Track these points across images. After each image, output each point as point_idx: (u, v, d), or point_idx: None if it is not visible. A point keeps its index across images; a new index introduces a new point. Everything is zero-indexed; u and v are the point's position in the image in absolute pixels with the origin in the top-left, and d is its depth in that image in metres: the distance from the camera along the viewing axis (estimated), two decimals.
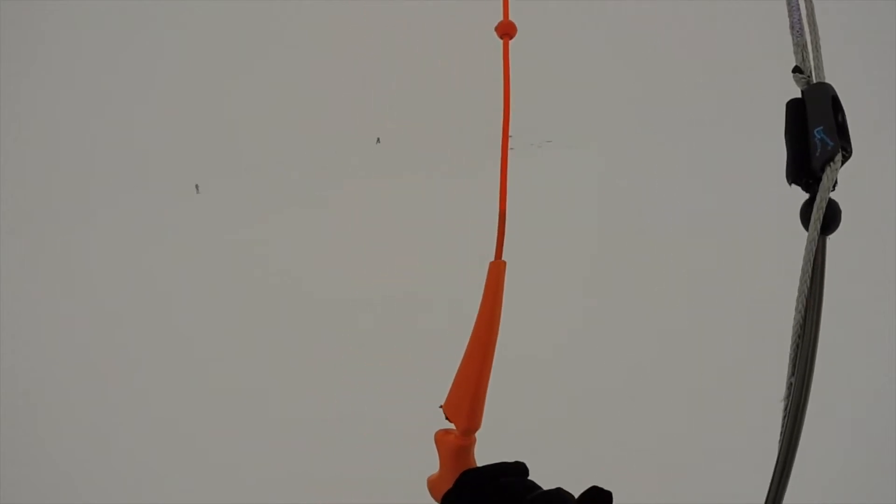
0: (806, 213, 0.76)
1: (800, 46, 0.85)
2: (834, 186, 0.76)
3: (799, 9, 0.88)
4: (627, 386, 5.41)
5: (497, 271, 1.01)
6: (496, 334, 0.98)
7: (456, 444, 0.98)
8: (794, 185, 0.80)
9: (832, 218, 0.74)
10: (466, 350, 0.99)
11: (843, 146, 0.76)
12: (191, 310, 9.38)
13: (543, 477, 0.95)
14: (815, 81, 0.83)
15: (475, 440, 0.99)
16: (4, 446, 5.33)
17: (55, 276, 12.34)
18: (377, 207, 16.22)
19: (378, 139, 22.88)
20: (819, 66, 0.83)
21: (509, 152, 1.14)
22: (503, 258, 1.02)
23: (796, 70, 0.85)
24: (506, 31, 1.11)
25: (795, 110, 0.82)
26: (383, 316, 8.22)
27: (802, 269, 0.76)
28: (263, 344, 7.46)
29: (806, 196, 0.77)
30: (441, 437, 1.00)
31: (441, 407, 1.00)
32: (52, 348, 8.25)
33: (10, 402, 6.19)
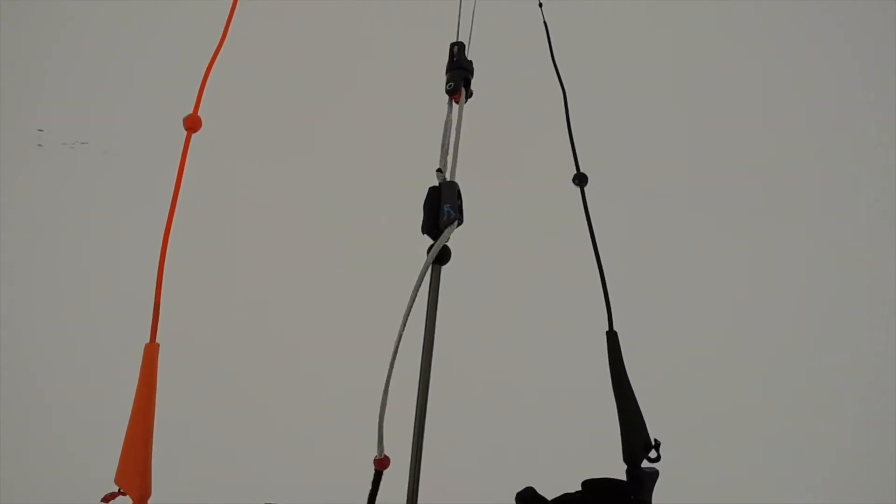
0: (429, 250, 1.16)
1: (444, 156, 1.31)
2: (448, 240, 1.18)
3: (449, 136, 1.35)
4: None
5: (150, 354, 1.14)
6: (153, 409, 1.11)
7: None
8: (425, 235, 1.21)
9: (444, 256, 1.17)
10: (128, 429, 1.09)
11: (458, 218, 1.20)
12: (196, 309, 6.29)
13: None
14: (448, 179, 1.28)
15: None
16: (6, 447, 3.92)
17: (56, 273, 7.04)
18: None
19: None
20: (453, 171, 1.29)
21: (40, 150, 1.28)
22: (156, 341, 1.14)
23: (439, 170, 1.31)
24: (191, 124, 1.24)
25: (435, 192, 1.25)
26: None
27: (416, 284, 1.14)
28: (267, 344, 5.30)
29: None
30: None
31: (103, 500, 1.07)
32: (55, 346, 4.99)
33: (10, 403, 4.22)
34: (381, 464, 1.15)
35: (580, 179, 1.45)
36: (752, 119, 5.94)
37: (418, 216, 1.23)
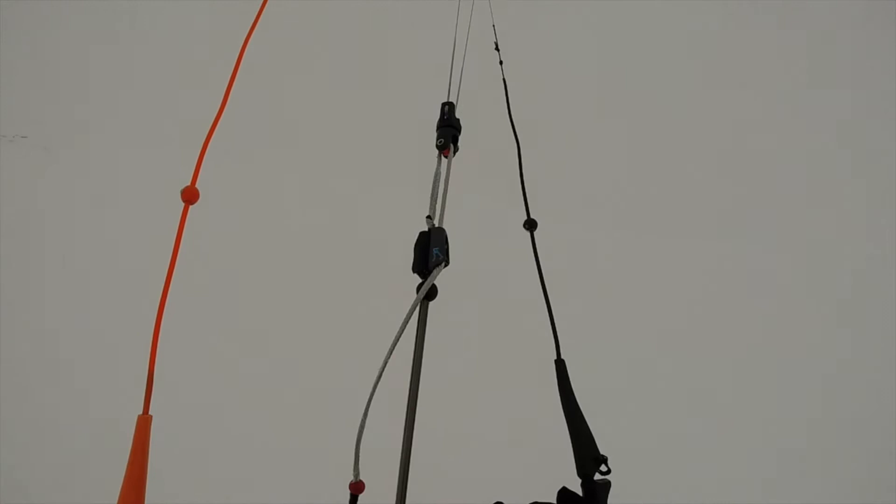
0: (419, 288, 1.33)
1: (433, 204, 1.50)
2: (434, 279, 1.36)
3: (438, 187, 1.54)
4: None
5: (143, 425, 1.09)
6: (145, 482, 1.07)
7: None
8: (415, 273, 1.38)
9: (433, 293, 1.33)
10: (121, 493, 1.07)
11: (445, 259, 1.38)
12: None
13: None
14: (437, 225, 1.46)
15: None
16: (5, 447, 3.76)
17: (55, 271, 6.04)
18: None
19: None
20: (441, 218, 1.47)
21: None
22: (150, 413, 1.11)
23: (428, 217, 1.49)
24: (189, 196, 1.25)
25: (425, 237, 1.43)
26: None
27: (406, 317, 1.30)
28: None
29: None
30: None
31: None
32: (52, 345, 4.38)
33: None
34: (357, 488, 1.22)
35: (530, 225, 1.66)
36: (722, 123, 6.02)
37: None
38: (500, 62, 2.37)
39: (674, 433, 4.22)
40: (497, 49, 2.50)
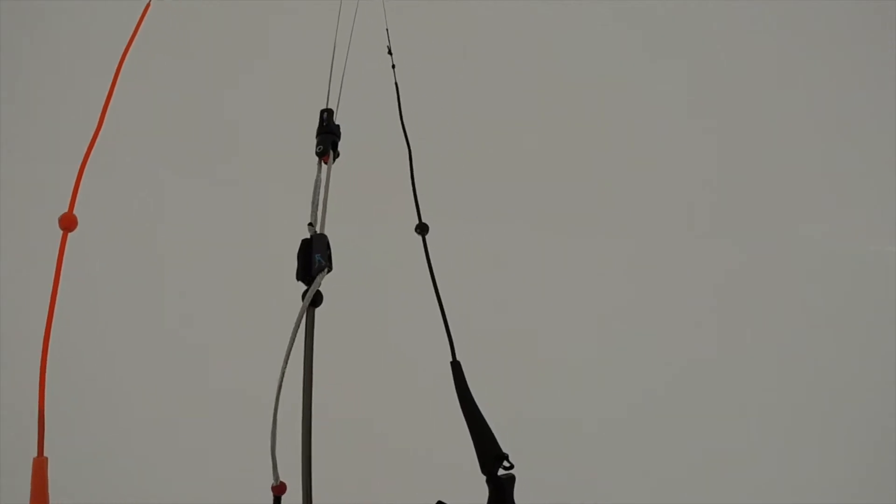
0: (303, 295, 1.36)
1: (315, 211, 1.53)
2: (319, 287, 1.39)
3: (319, 193, 1.56)
4: None
5: (39, 468, 1.03)
6: None
7: None
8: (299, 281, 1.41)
9: (317, 300, 1.37)
10: None
11: (328, 266, 1.41)
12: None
13: None
14: (318, 232, 1.49)
15: None
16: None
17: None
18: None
19: None
20: (323, 224, 1.51)
21: None
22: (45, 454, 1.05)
23: (310, 224, 1.51)
24: (67, 224, 1.25)
25: (307, 244, 1.45)
26: None
27: (295, 326, 1.33)
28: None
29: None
30: None
31: None
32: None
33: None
34: (279, 490, 1.27)
35: (422, 229, 1.71)
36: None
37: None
38: (393, 66, 2.40)
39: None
40: (390, 53, 2.52)
